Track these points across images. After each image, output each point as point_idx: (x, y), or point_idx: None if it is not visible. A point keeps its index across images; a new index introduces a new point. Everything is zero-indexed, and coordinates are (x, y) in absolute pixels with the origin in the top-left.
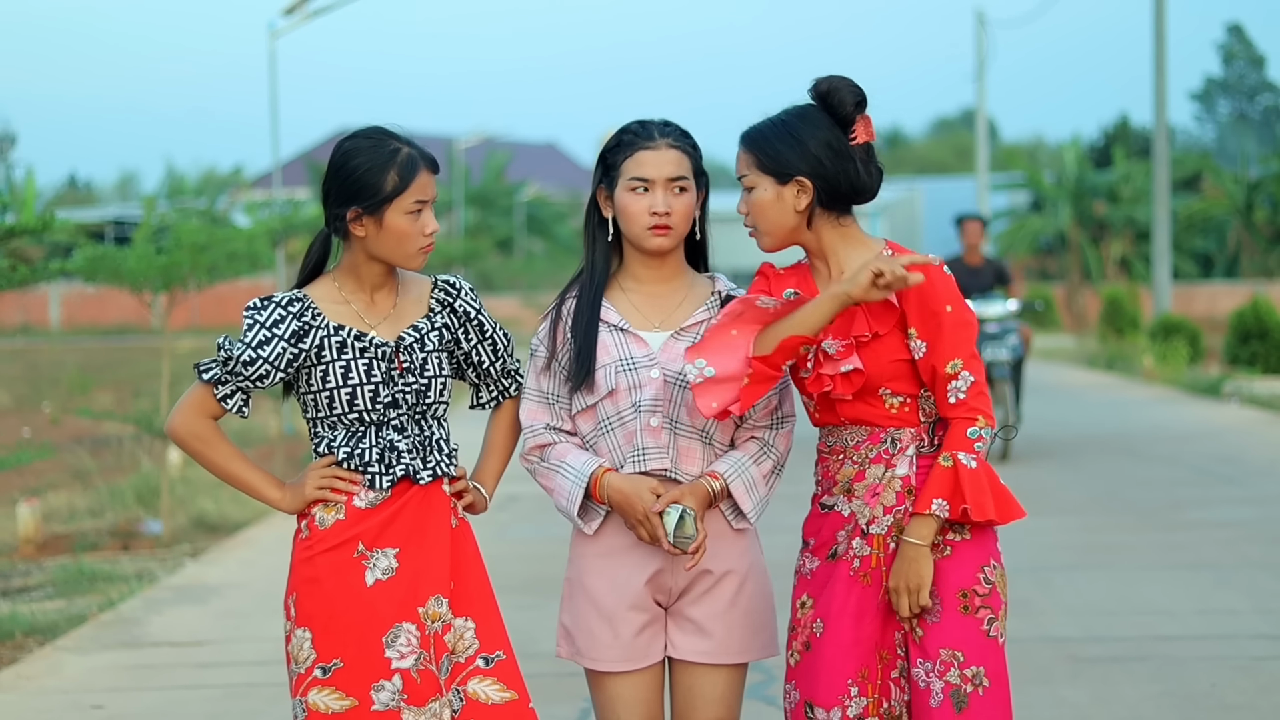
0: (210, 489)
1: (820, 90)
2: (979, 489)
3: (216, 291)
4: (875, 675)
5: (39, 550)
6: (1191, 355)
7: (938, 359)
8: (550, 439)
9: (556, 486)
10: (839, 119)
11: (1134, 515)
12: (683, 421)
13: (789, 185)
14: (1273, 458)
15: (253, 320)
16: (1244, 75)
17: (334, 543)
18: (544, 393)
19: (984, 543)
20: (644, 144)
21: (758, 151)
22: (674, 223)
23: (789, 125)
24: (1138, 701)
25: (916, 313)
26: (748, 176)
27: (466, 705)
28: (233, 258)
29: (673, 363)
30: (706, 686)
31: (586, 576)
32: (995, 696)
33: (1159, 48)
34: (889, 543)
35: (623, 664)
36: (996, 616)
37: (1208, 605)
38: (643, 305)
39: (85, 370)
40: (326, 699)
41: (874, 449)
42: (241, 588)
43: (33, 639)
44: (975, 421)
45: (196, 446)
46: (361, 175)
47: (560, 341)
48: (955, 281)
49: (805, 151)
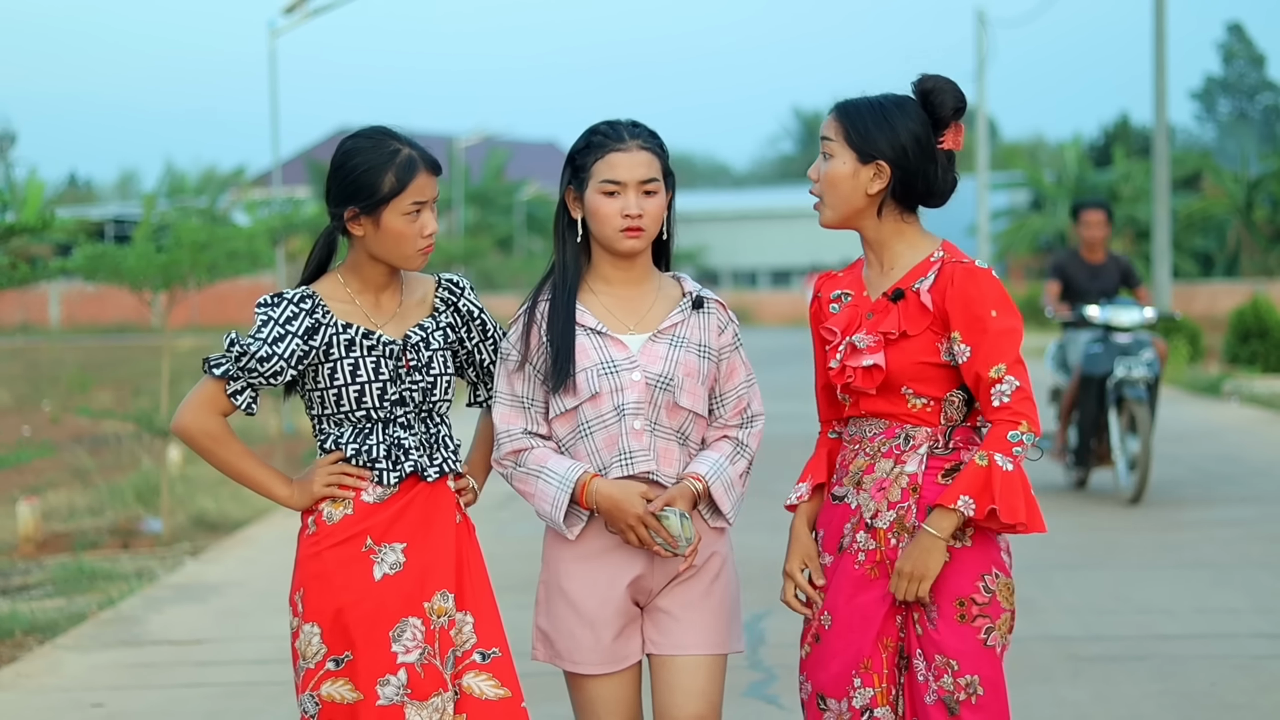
0: (210, 487)
1: (924, 87)
2: (1012, 492)
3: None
4: (880, 665)
5: (39, 549)
6: (1191, 354)
7: (981, 364)
8: (527, 444)
9: (538, 492)
10: (934, 119)
11: (1134, 514)
12: (661, 423)
13: (868, 165)
14: (1273, 457)
15: (266, 316)
16: (1244, 74)
17: (342, 537)
18: (518, 396)
19: (986, 551)
20: (615, 145)
21: (847, 124)
22: (646, 225)
23: (885, 109)
24: (1138, 700)
25: (960, 317)
26: (831, 143)
27: (461, 699)
28: (232, 256)
29: (653, 365)
30: (685, 679)
31: (565, 580)
32: (989, 704)
33: (1159, 47)
34: (890, 538)
35: (603, 666)
36: (995, 625)
37: (1208, 604)
38: (615, 308)
39: (85, 369)
40: (341, 689)
41: (887, 443)
42: (241, 586)
43: (32, 637)
44: (1018, 425)
45: (207, 444)
46: (360, 176)
47: (535, 344)
48: (1053, 284)
49: (894, 138)
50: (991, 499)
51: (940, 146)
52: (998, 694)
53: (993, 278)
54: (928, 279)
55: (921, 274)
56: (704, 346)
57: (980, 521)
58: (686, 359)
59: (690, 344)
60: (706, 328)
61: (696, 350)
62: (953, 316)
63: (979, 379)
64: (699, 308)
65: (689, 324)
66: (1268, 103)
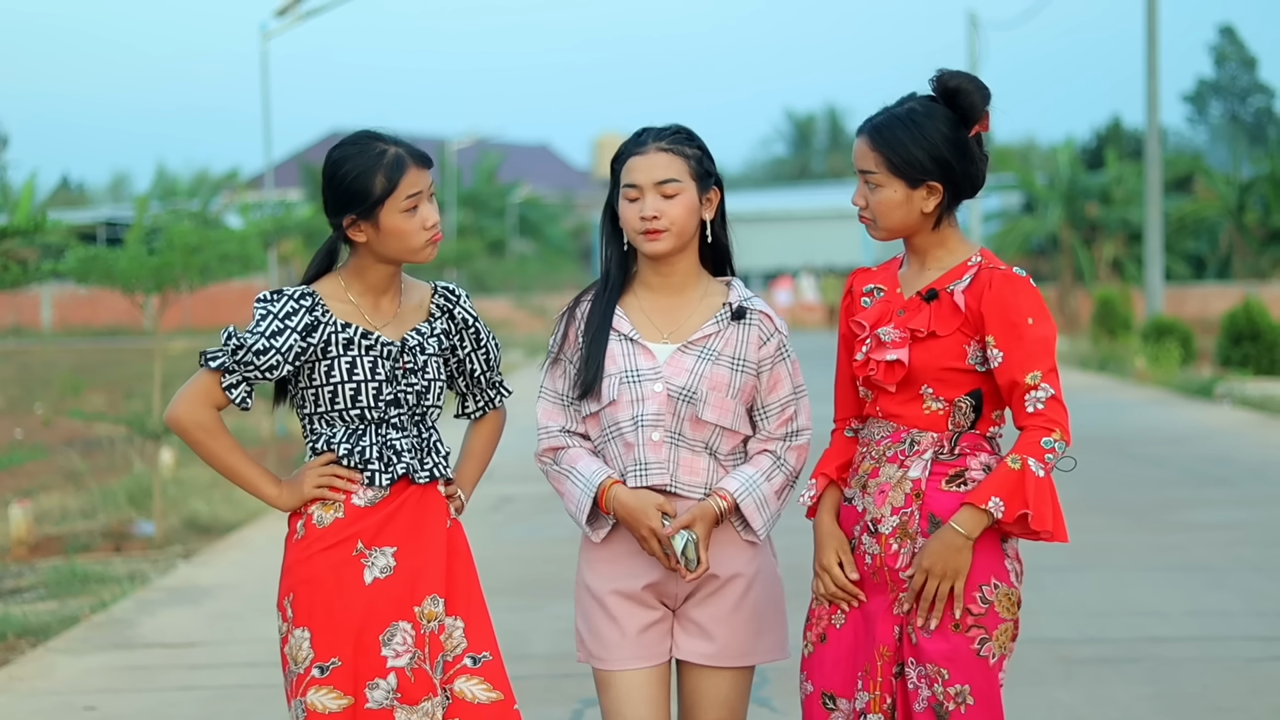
0: (203, 490)
1: (949, 87)
2: (1043, 498)
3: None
4: (876, 672)
5: (31, 552)
6: (1184, 357)
7: (1017, 370)
8: (564, 442)
9: (567, 492)
10: (964, 117)
11: (1126, 516)
12: (685, 435)
13: (920, 188)
14: (1265, 459)
15: (265, 311)
16: (1236, 77)
17: (332, 541)
18: (558, 393)
19: (987, 560)
20: (635, 150)
21: (888, 151)
22: (666, 225)
23: (919, 125)
24: (1130, 703)
25: (996, 322)
26: (876, 175)
27: (453, 704)
28: (225, 259)
29: (676, 377)
30: (710, 689)
31: (591, 579)
32: (980, 714)
33: (1151, 49)
34: (892, 543)
35: (629, 662)
36: (990, 637)
37: (1200, 606)
38: (654, 315)
39: (77, 372)
40: (324, 699)
41: (893, 447)
42: (233, 589)
43: (25, 640)
44: (1051, 433)
45: (199, 436)
46: (351, 182)
47: (571, 343)
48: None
49: (937, 153)
50: (1024, 503)
51: (971, 134)
52: (990, 704)
53: (1030, 285)
54: (963, 281)
55: (957, 277)
56: (739, 359)
57: (1006, 525)
58: (715, 373)
59: (722, 356)
60: (745, 340)
61: (729, 364)
62: (988, 320)
63: (1014, 385)
64: (739, 318)
65: (724, 336)
66: (1259, 105)
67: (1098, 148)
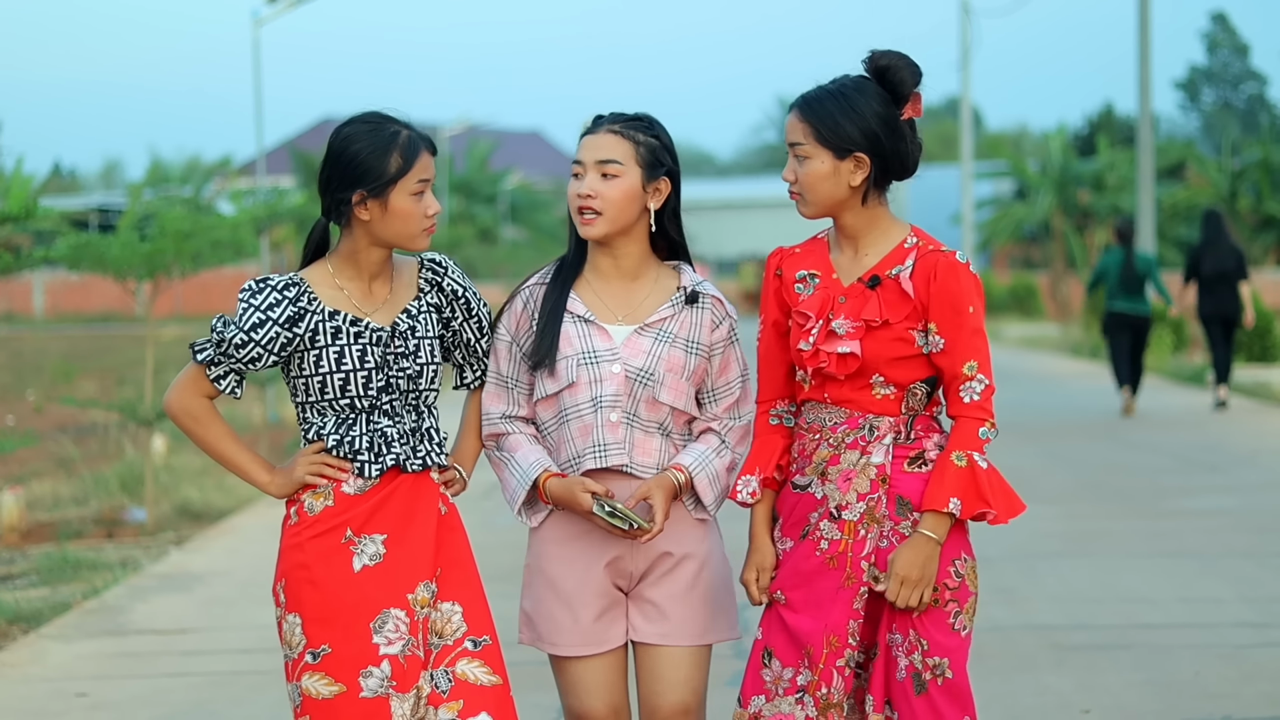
0: (195, 477)
1: (879, 65)
2: (995, 491)
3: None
4: (819, 659)
5: (23, 538)
6: (1175, 343)
7: (955, 359)
8: (504, 429)
9: (504, 480)
10: (895, 95)
11: (1118, 503)
12: (640, 415)
13: (847, 160)
14: (1256, 446)
15: (247, 303)
16: (1228, 64)
17: (323, 529)
18: (502, 375)
19: (955, 536)
20: (589, 130)
21: (816, 122)
22: (601, 207)
23: (849, 98)
24: (1121, 689)
25: (939, 309)
26: (803, 146)
27: (455, 685)
28: (217, 246)
29: (634, 359)
30: (669, 669)
31: (545, 562)
32: (955, 688)
33: (1143, 36)
34: (860, 530)
35: (583, 648)
36: (962, 610)
37: (1191, 593)
38: (607, 298)
39: (69, 358)
40: (318, 684)
41: (851, 434)
42: (226, 575)
43: (17, 627)
44: (985, 423)
45: (190, 424)
46: (365, 159)
47: (523, 324)
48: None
49: (865, 125)
50: (983, 501)
51: (903, 118)
52: (963, 679)
53: (972, 272)
54: (905, 266)
55: (898, 261)
56: (693, 342)
57: (968, 519)
58: (671, 354)
59: (677, 339)
60: (699, 323)
61: (684, 346)
62: (932, 307)
63: (953, 374)
64: (693, 302)
65: (679, 319)
66: (1251, 92)
67: (1090, 134)
